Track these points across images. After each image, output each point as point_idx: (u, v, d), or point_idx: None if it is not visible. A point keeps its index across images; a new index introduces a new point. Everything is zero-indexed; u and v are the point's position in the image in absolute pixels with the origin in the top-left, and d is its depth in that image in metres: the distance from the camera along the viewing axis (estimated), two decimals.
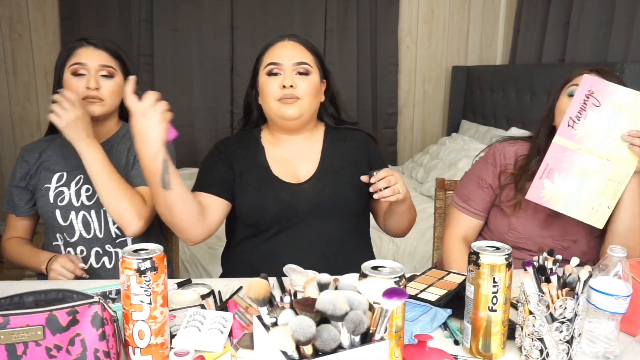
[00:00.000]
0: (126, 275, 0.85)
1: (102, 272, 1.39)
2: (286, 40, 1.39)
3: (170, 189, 1.17)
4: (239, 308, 1.07)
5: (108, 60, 1.38)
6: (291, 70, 1.33)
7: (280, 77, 1.33)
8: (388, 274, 0.82)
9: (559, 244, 1.34)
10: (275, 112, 1.35)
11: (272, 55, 1.36)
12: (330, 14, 3.54)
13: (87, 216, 1.38)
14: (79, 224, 1.38)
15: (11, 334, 0.79)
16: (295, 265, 1.19)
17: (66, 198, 1.38)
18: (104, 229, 1.39)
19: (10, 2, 3.32)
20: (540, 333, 0.88)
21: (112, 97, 1.38)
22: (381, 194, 1.20)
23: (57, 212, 1.38)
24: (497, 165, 1.40)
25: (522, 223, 1.36)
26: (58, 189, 1.39)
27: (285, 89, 1.31)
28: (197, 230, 1.29)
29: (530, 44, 3.15)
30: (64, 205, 1.38)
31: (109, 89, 1.36)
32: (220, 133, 3.62)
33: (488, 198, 1.41)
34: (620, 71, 2.04)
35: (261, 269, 1.27)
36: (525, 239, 1.36)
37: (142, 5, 3.40)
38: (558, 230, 1.35)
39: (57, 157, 1.43)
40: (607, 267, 0.93)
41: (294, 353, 0.66)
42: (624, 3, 2.38)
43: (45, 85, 3.45)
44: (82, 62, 1.35)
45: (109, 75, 1.37)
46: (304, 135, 1.43)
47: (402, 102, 3.84)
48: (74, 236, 1.39)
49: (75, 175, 1.40)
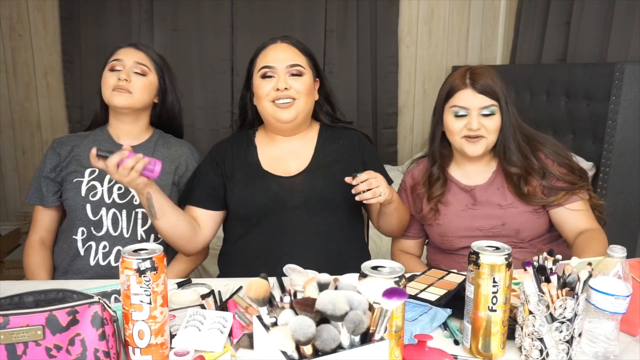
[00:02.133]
0: (126, 275, 0.85)
1: (118, 272, 1.39)
2: (278, 43, 1.41)
3: (158, 219, 1.29)
4: (239, 308, 1.07)
5: (144, 59, 1.45)
6: (284, 72, 1.36)
7: (274, 79, 1.36)
8: (388, 274, 0.82)
9: (490, 232, 1.38)
10: (270, 114, 1.38)
11: (266, 58, 1.39)
12: (330, 14, 3.53)
13: (117, 214, 1.42)
14: (108, 221, 1.41)
15: (11, 334, 0.79)
16: (295, 265, 1.19)
17: (98, 194, 1.41)
18: (132, 229, 1.43)
19: (10, 2, 3.32)
20: (540, 333, 0.88)
21: (141, 91, 1.43)
22: (362, 196, 1.24)
23: (87, 207, 1.40)
24: (407, 188, 1.52)
25: (447, 227, 1.42)
26: (91, 183, 1.42)
27: (279, 91, 1.34)
28: (191, 246, 1.40)
29: (530, 44, 3.15)
30: (95, 200, 1.41)
31: (139, 84, 1.43)
32: (220, 133, 3.61)
33: (414, 222, 1.52)
34: (620, 71, 2.04)
35: (254, 265, 1.29)
36: (459, 238, 1.41)
37: (142, 5, 3.39)
38: (481, 221, 1.40)
39: None
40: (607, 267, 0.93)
41: (294, 353, 0.66)
42: (624, 3, 2.38)
43: (46, 85, 3.45)
44: (119, 58, 1.43)
45: (142, 73, 1.43)
46: (299, 135, 1.46)
47: (402, 102, 3.83)
48: (101, 230, 1.41)
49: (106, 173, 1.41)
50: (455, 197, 1.44)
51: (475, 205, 1.41)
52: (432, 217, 1.44)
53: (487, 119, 1.34)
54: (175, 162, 1.50)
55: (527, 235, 1.39)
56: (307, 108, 1.40)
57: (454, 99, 1.36)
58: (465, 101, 1.34)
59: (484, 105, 1.33)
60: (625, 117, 2.05)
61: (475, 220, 1.41)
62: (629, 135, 2.06)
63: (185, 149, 1.55)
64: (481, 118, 1.34)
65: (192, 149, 1.57)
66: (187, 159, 1.53)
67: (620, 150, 2.07)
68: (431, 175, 1.45)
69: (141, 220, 1.43)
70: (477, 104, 1.33)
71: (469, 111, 1.34)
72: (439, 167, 1.44)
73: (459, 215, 1.42)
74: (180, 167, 1.51)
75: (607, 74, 2.11)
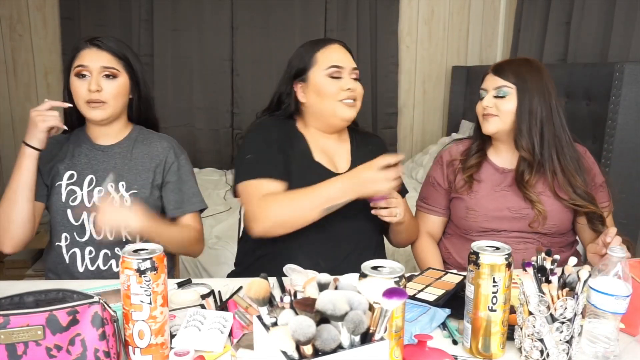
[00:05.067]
0: (126, 275, 0.85)
1: (109, 274, 1.38)
2: (336, 45, 1.44)
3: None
4: (239, 308, 1.07)
5: (111, 61, 1.37)
6: (349, 73, 1.40)
7: (342, 80, 1.39)
8: (388, 274, 0.82)
9: (518, 214, 1.42)
10: (334, 113, 1.39)
11: (331, 57, 1.40)
12: (330, 14, 3.53)
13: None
14: (90, 225, 1.38)
15: (11, 334, 0.79)
16: (295, 265, 1.19)
17: (78, 198, 1.39)
18: (115, 232, 1.38)
19: (10, 2, 3.32)
20: (541, 334, 0.88)
21: (115, 98, 1.37)
22: (378, 212, 1.31)
23: (68, 212, 1.38)
24: (444, 163, 1.56)
25: (477, 202, 1.46)
26: (69, 188, 1.39)
27: (349, 91, 1.38)
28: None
29: (530, 44, 3.15)
30: (76, 205, 1.38)
31: (112, 90, 1.36)
32: (220, 133, 3.62)
33: (442, 196, 1.55)
34: (620, 71, 2.04)
35: (300, 262, 1.25)
36: (484, 215, 1.45)
37: (142, 5, 3.39)
38: (513, 202, 1.43)
39: (69, 155, 1.43)
40: (607, 267, 0.93)
41: (294, 353, 0.66)
42: (624, 3, 2.38)
43: (46, 85, 3.45)
44: (84, 64, 1.35)
45: (111, 75, 1.36)
46: (336, 135, 1.48)
47: (402, 102, 3.83)
48: (84, 236, 1.38)
49: (85, 175, 1.40)
50: (489, 177, 1.48)
51: (509, 187, 1.45)
52: (464, 189, 1.48)
53: (500, 100, 1.40)
54: (155, 160, 1.44)
55: (553, 225, 1.41)
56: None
57: (482, 83, 1.47)
58: (486, 83, 1.44)
59: (497, 85, 1.40)
60: (625, 117, 2.05)
61: (506, 201, 1.44)
62: (629, 135, 2.06)
63: (165, 143, 1.48)
64: (495, 99, 1.41)
65: (171, 142, 1.50)
66: (166, 155, 1.46)
67: (620, 150, 2.07)
68: (470, 150, 1.53)
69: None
70: (492, 85, 1.42)
71: (487, 92, 1.43)
72: (477, 145, 1.52)
73: (490, 194, 1.46)
74: (159, 167, 1.45)
75: (607, 74, 2.11)
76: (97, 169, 1.41)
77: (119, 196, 1.38)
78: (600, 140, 2.15)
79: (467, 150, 1.54)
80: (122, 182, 1.39)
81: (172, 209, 1.45)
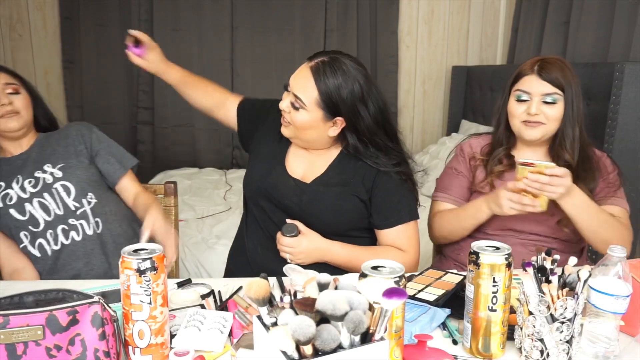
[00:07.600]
0: (126, 275, 0.85)
1: (74, 246, 1.43)
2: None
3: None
4: (239, 308, 1.07)
5: (9, 79, 1.49)
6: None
7: None
8: (388, 274, 0.82)
9: (540, 216, 1.39)
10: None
11: None
12: (330, 14, 3.53)
13: (42, 201, 1.43)
14: (38, 211, 1.42)
15: (11, 334, 0.79)
16: (295, 265, 1.19)
17: (14, 197, 1.43)
18: (62, 204, 1.44)
19: (10, 2, 3.32)
20: (541, 334, 0.88)
21: (25, 109, 1.49)
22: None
23: (11, 211, 1.41)
24: (466, 155, 1.55)
25: None
26: (2, 193, 1.43)
27: None
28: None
29: (529, 44, 3.15)
30: (15, 203, 1.42)
31: (20, 103, 1.47)
32: (220, 133, 3.62)
33: (464, 184, 1.53)
34: (620, 71, 2.04)
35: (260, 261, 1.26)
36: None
37: (142, 5, 3.39)
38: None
39: None
40: (607, 267, 0.93)
41: (294, 353, 0.66)
42: (624, 3, 2.38)
43: (46, 85, 3.45)
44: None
45: (14, 92, 1.47)
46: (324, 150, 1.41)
47: (402, 102, 3.83)
48: (39, 225, 1.42)
49: (11, 180, 1.45)
50: (512, 176, 1.43)
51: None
52: (485, 188, 1.46)
53: (549, 106, 1.36)
54: (70, 137, 1.53)
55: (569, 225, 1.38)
56: None
57: (519, 83, 1.39)
58: (529, 86, 1.37)
59: (547, 92, 1.35)
60: (625, 117, 2.05)
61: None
62: (629, 135, 2.06)
63: (70, 127, 1.57)
64: (542, 105, 1.36)
65: (77, 123, 1.60)
66: (78, 130, 1.55)
67: (620, 150, 2.07)
68: (494, 154, 1.48)
69: (64, 192, 1.44)
70: (539, 90, 1.35)
71: (530, 96, 1.37)
72: (504, 150, 1.47)
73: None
74: (77, 139, 1.53)
75: (607, 73, 2.11)
76: (17, 165, 1.47)
77: (49, 174, 1.45)
78: (600, 140, 2.15)
79: (488, 147, 1.50)
80: (47, 164, 1.46)
81: (117, 169, 1.54)
